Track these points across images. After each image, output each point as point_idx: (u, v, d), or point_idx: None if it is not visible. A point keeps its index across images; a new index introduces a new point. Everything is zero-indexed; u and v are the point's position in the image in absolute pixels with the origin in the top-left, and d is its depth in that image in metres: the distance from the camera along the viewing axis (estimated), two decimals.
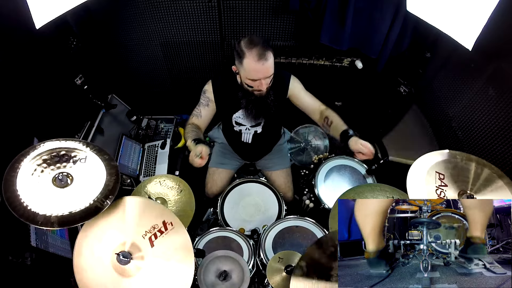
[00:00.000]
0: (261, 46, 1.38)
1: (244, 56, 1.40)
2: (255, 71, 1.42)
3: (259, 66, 1.39)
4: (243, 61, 1.41)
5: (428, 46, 1.90)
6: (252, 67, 1.40)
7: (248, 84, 1.49)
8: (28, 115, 1.63)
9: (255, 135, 1.81)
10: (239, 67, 1.47)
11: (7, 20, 1.42)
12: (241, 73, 1.49)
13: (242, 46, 1.42)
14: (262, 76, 1.44)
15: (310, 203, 1.88)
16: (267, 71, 1.43)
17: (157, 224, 1.16)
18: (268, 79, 1.47)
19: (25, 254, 1.26)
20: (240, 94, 1.59)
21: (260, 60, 1.38)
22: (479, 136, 1.53)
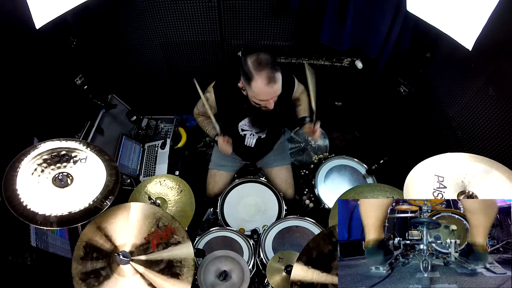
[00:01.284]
0: (270, 69, 1.33)
1: (252, 78, 1.35)
2: (264, 94, 1.38)
3: (268, 89, 1.36)
4: (252, 84, 1.37)
5: (428, 46, 1.90)
6: (261, 91, 1.37)
7: (255, 102, 1.46)
8: (28, 115, 1.63)
9: (258, 140, 1.81)
10: (247, 87, 1.43)
11: (7, 20, 1.42)
12: (248, 92, 1.45)
13: (250, 67, 1.36)
14: (271, 97, 1.41)
15: (310, 203, 1.88)
16: (276, 92, 1.40)
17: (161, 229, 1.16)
18: (276, 98, 1.44)
19: (25, 254, 1.26)
20: (246, 107, 1.56)
21: (269, 83, 1.34)
22: (479, 136, 1.53)
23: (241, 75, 1.44)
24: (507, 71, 1.37)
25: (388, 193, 1.44)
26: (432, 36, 1.83)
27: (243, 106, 1.58)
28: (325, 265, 0.98)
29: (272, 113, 1.53)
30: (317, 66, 2.19)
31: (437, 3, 1.42)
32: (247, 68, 1.37)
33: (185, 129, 2.57)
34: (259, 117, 1.59)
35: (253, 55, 1.38)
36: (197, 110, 1.80)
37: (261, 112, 1.53)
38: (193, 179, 1.88)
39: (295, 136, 2.40)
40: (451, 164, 1.14)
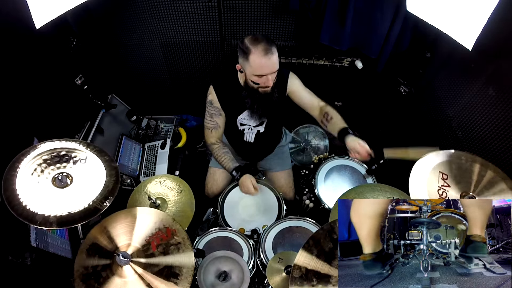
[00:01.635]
0: (265, 42, 1.41)
1: (250, 52, 1.41)
2: (262, 66, 1.43)
3: (265, 60, 1.41)
4: (249, 57, 1.42)
5: (428, 46, 1.90)
6: (258, 63, 1.42)
7: (254, 81, 1.49)
8: (28, 115, 1.63)
9: (257, 135, 1.81)
10: (245, 64, 1.47)
11: (7, 20, 1.42)
12: (246, 70, 1.49)
13: (246, 43, 1.43)
14: (269, 71, 1.45)
15: (310, 203, 1.88)
16: (273, 66, 1.44)
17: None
18: (274, 75, 1.48)
19: (25, 254, 1.26)
20: (245, 94, 1.59)
21: (266, 54, 1.40)
22: (479, 136, 1.53)
23: (239, 55, 1.49)
24: (507, 71, 1.37)
25: (388, 193, 1.44)
26: (432, 36, 1.83)
27: (243, 100, 1.59)
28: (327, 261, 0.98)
29: (269, 96, 1.55)
30: (317, 66, 2.19)
31: (437, 3, 1.42)
32: (244, 45, 1.44)
33: (185, 129, 2.57)
34: (257, 102, 1.59)
35: (249, 35, 1.46)
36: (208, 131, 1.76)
37: (259, 96, 1.55)
38: (193, 179, 1.88)
39: (295, 136, 2.40)
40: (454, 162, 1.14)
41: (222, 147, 1.78)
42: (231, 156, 1.76)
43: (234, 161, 1.74)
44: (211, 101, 1.68)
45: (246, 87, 1.57)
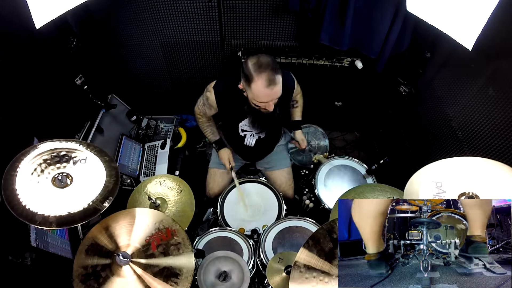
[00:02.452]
0: (270, 71, 1.34)
1: (252, 80, 1.36)
2: (264, 96, 1.39)
3: (268, 91, 1.37)
4: (252, 85, 1.38)
5: (428, 46, 1.90)
6: (261, 93, 1.38)
7: (255, 104, 1.47)
8: (28, 115, 1.63)
9: (258, 140, 1.81)
10: (247, 89, 1.44)
11: (7, 20, 1.42)
12: (248, 94, 1.47)
13: (250, 70, 1.37)
14: (271, 99, 1.42)
15: (310, 203, 1.88)
16: (276, 95, 1.41)
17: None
18: (276, 100, 1.45)
19: (25, 254, 1.26)
20: (247, 109, 1.57)
21: (269, 86, 1.35)
22: (479, 136, 1.53)
23: (242, 77, 1.45)
24: (507, 71, 1.37)
25: (388, 193, 1.44)
26: (432, 36, 1.83)
27: (243, 107, 1.58)
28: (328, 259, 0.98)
29: (272, 114, 1.53)
30: (317, 66, 2.19)
31: (437, 3, 1.42)
32: (247, 70, 1.38)
33: (185, 129, 2.57)
34: (259, 119, 1.59)
35: (254, 57, 1.39)
36: (197, 109, 1.80)
37: (261, 114, 1.53)
38: (193, 179, 1.88)
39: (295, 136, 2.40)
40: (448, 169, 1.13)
41: (207, 121, 1.84)
42: (213, 129, 1.86)
43: (215, 134, 1.85)
44: (208, 98, 1.68)
45: (248, 104, 1.54)
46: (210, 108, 1.70)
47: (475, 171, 1.10)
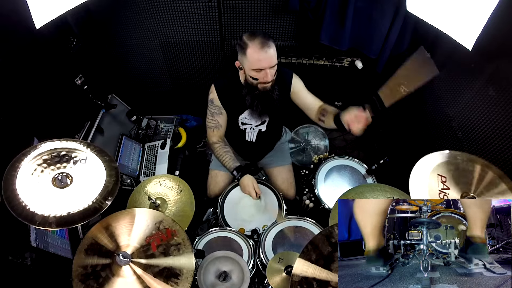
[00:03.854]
0: (262, 36, 1.42)
1: (247, 46, 1.43)
2: (260, 60, 1.43)
3: (262, 54, 1.41)
4: (247, 52, 1.43)
5: (428, 46, 1.90)
6: (256, 56, 1.42)
7: (253, 77, 1.50)
8: (28, 115, 1.63)
9: (259, 134, 1.81)
10: (243, 59, 1.49)
11: (7, 20, 1.42)
12: (245, 65, 1.50)
13: (244, 39, 1.45)
14: (267, 65, 1.45)
15: (310, 203, 1.88)
16: (271, 59, 1.45)
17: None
18: (273, 70, 1.48)
19: (25, 254, 1.26)
20: (245, 91, 1.59)
21: (263, 48, 1.40)
22: (479, 136, 1.53)
23: (238, 52, 1.50)
24: (507, 71, 1.37)
25: (388, 193, 1.44)
26: (432, 36, 1.83)
27: (244, 99, 1.60)
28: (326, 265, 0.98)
29: (270, 94, 1.55)
30: (317, 66, 2.19)
31: (437, 3, 1.42)
32: (241, 40, 1.46)
33: (185, 129, 2.57)
34: (257, 99, 1.59)
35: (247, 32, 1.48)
36: (209, 133, 1.77)
37: (259, 93, 1.55)
38: (193, 179, 1.88)
39: (295, 136, 2.40)
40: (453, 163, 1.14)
41: (224, 146, 1.79)
42: (232, 155, 1.77)
43: (235, 161, 1.75)
44: (212, 100, 1.69)
45: (246, 85, 1.57)
46: (219, 112, 1.70)
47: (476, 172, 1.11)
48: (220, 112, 1.71)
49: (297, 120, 2.42)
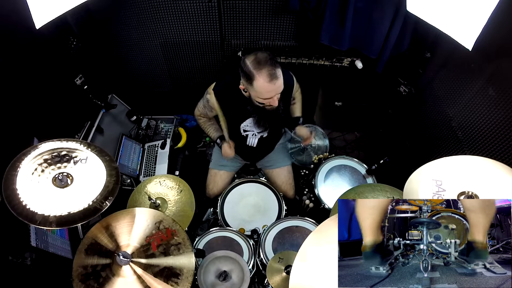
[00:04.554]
0: (269, 66, 1.34)
1: (254, 78, 1.36)
2: (268, 92, 1.39)
3: (271, 86, 1.37)
4: (254, 83, 1.38)
5: (428, 46, 1.90)
6: (264, 89, 1.38)
7: (259, 102, 1.47)
8: (28, 115, 1.63)
9: (260, 139, 1.81)
10: (249, 88, 1.44)
11: (7, 20, 1.42)
12: (251, 93, 1.47)
13: (250, 68, 1.37)
14: (274, 94, 1.42)
15: (310, 203, 1.88)
16: (279, 89, 1.41)
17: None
18: (279, 94, 1.45)
19: (25, 254, 1.26)
20: (250, 109, 1.57)
21: (271, 80, 1.35)
22: (479, 136, 1.53)
23: (242, 77, 1.44)
24: (507, 71, 1.37)
25: (388, 193, 1.44)
26: (432, 36, 1.83)
27: (245, 107, 1.58)
28: None
29: (276, 111, 1.54)
30: (317, 66, 2.19)
31: (437, 3, 1.42)
32: (247, 68, 1.38)
33: (185, 129, 2.57)
34: (264, 117, 1.59)
35: (251, 55, 1.39)
36: (198, 111, 1.81)
37: (265, 112, 1.53)
38: (193, 179, 1.88)
39: (295, 136, 2.40)
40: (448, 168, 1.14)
41: (208, 120, 1.84)
42: (216, 126, 1.84)
43: (218, 131, 1.83)
44: (208, 100, 1.67)
45: (251, 103, 1.54)
46: (211, 110, 1.70)
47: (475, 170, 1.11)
48: (211, 110, 1.71)
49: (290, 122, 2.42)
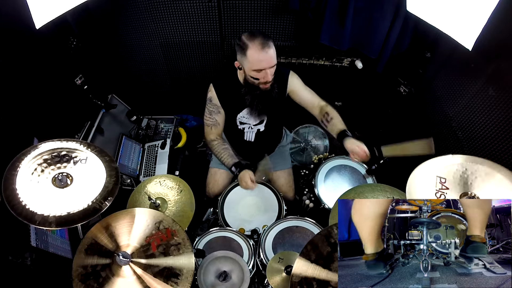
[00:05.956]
0: (262, 37, 1.42)
1: (247, 47, 1.43)
2: (260, 61, 1.44)
3: (263, 54, 1.42)
4: (247, 52, 1.44)
5: (428, 46, 1.90)
6: (256, 57, 1.43)
7: (253, 77, 1.50)
8: (28, 115, 1.63)
9: (258, 134, 1.81)
10: (243, 60, 1.49)
11: (7, 20, 1.42)
12: (245, 66, 1.50)
13: (243, 39, 1.45)
14: (267, 65, 1.46)
15: (310, 203, 1.88)
16: (271, 59, 1.45)
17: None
18: (273, 69, 1.49)
19: (25, 254, 1.26)
20: (244, 91, 1.59)
21: (263, 48, 1.41)
22: (479, 136, 1.53)
23: (237, 52, 1.50)
24: (507, 71, 1.37)
25: (388, 193, 1.44)
26: (432, 36, 1.83)
27: (242, 97, 1.60)
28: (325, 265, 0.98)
29: (269, 93, 1.56)
30: (317, 66, 2.19)
31: (437, 3, 1.42)
32: (241, 41, 1.46)
33: (185, 129, 2.57)
34: (257, 98, 1.59)
35: (246, 32, 1.48)
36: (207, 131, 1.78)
37: (259, 93, 1.55)
38: (193, 179, 1.88)
39: (295, 136, 2.40)
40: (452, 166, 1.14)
41: (222, 143, 1.79)
42: (230, 152, 1.77)
43: (233, 157, 1.75)
44: (211, 98, 1.69)
45: (246, 84, 1.58)
46: (217, 111, 1.71)
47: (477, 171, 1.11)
48: (218, 111, 1.71)
49: (297, 120, 2.42)
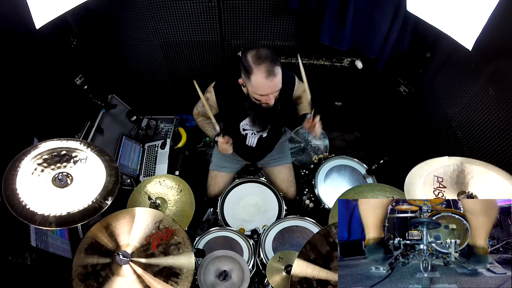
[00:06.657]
0: (269, 62, 1.34)
1: (252, 72, 1.36)
2: (264, 88, 1.38)
3: (268, 83, 1.36)
4: (251, 77, 1.37)
5: (428, 46, 1.90)
6: (260, 84, 1.37)
7: (255, 98, 1.47)
8: (28, 115, 1.63)
9: (260, 139, 1.80)
10: (247, 82, 1.43)
11: (7, 20, 1.42)
12: (248, 88, 1.46)
13: (249, 62, 1.37)
14: (271, 92, 1.41)
15: (310, 203, 1.88)
16: (275, 87, 1.40)
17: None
18: (276, 93, 1.44)
19: (25, 254, 1.26)
20: (247, 105, 1.56)
21: (269, 77, 1.34)
22: (479, 136, 1.53)
23: (242, 71, 1.45)
24: (507, 71, 1.37)
25: (388, 193, 1.44)
26: (432, 36, 1.83)
27: (244, 104, 1.58)
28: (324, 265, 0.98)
29: (272, 111, 1.53)
30: (317, 66, 2.19)
31: (437, 3, 1.42)
32: (246, 62, 1.39)
33: (185, 129, 2.57)
34: (259, 115, 1.58)
35: (253, 50, 1.40)
36: (196, 110, 1.80)
37: (262, 110, 1.53)
38: (193, 179, 1.88)
39: (295, 136, 2.40)
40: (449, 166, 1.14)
41: (205, 118, 1.80)
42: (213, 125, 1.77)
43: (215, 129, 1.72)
44: (208, 99, 1.66)
45: (249, 99, 1.54)
46: (210, 108, 1.69)
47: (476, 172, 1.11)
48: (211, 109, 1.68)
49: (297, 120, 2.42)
